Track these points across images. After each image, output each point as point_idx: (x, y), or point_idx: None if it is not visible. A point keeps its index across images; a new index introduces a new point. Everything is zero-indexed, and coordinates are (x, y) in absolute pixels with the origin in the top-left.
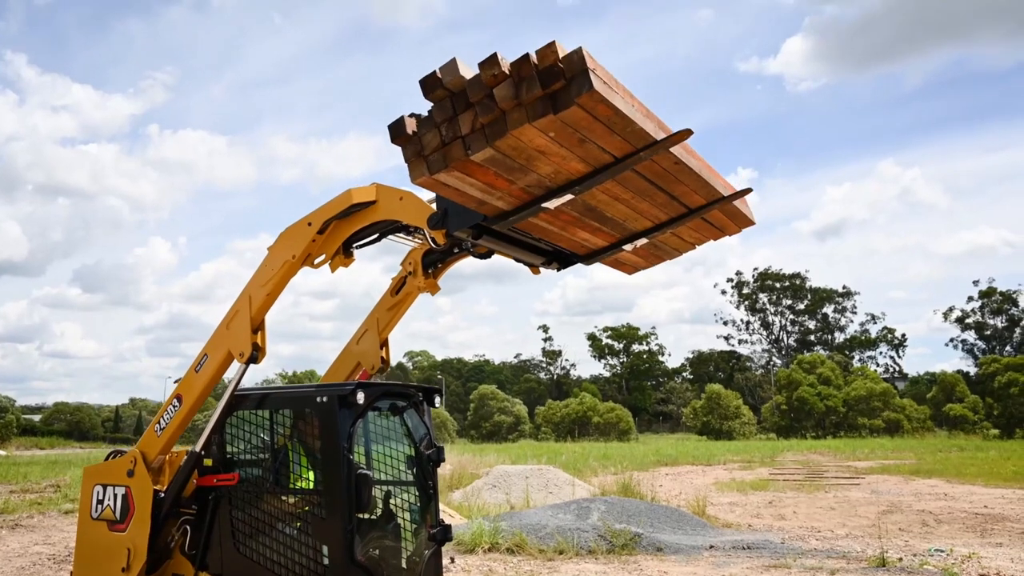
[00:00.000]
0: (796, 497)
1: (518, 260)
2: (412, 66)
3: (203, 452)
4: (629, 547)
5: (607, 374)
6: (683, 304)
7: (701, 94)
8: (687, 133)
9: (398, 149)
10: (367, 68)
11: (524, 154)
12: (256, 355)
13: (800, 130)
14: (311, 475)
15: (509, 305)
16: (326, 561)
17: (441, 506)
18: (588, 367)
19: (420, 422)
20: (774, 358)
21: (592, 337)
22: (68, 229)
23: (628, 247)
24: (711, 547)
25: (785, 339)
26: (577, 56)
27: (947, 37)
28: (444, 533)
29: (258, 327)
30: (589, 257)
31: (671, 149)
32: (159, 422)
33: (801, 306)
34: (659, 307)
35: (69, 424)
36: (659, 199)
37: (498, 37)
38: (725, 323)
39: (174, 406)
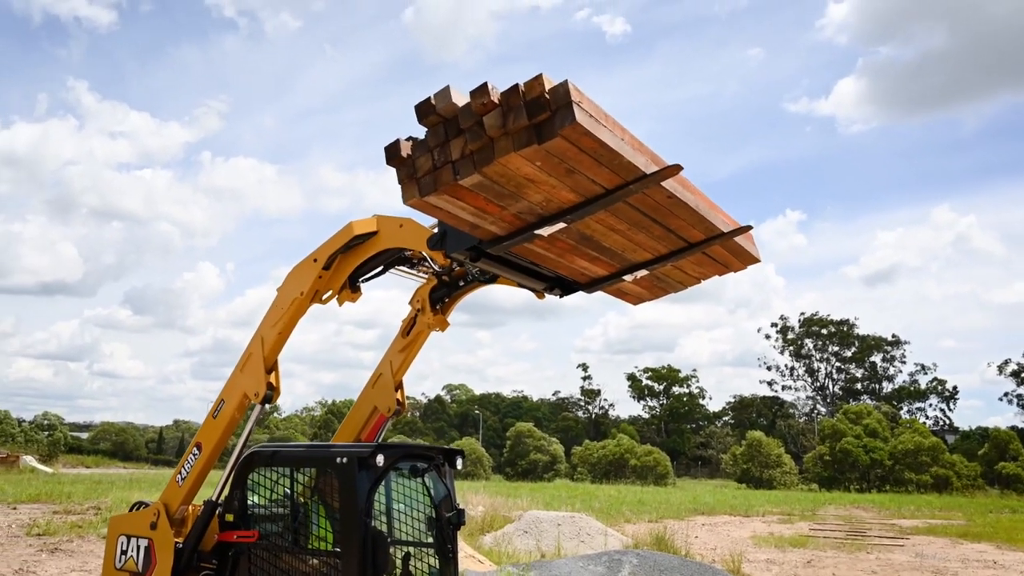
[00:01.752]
0: (836, 557)
1: (520, 285)
2: None
3: (218, 501)
4: None
5: (646, 415)
6: (726, 346)
7: (749, 133)
8: (677, 168)
9: None
10: (415, 101)
11: (513, 181)
12: (271, 395)
13: (851, 173)
14: (330, 535)
15: (549, 341)
16: None
17: (471, 551)
18: (627, 407)
19: (441, 484)
20: (818, 406)
21: (632, 377)
22: (120, 252)
23: (629, 277)
24: None
25: (831, 387)
26: (562, 89)
27: (1005, 82)
28: None
29: (272, 367)
30: (590, 285)
31: (664, 183)
32: (180, 471)
33: (848, 353)
34: (701, 348)
35: (114, 444)
36: (656, 232)
37: (545, 72)
38: (768, 368)
39: (194, 454)
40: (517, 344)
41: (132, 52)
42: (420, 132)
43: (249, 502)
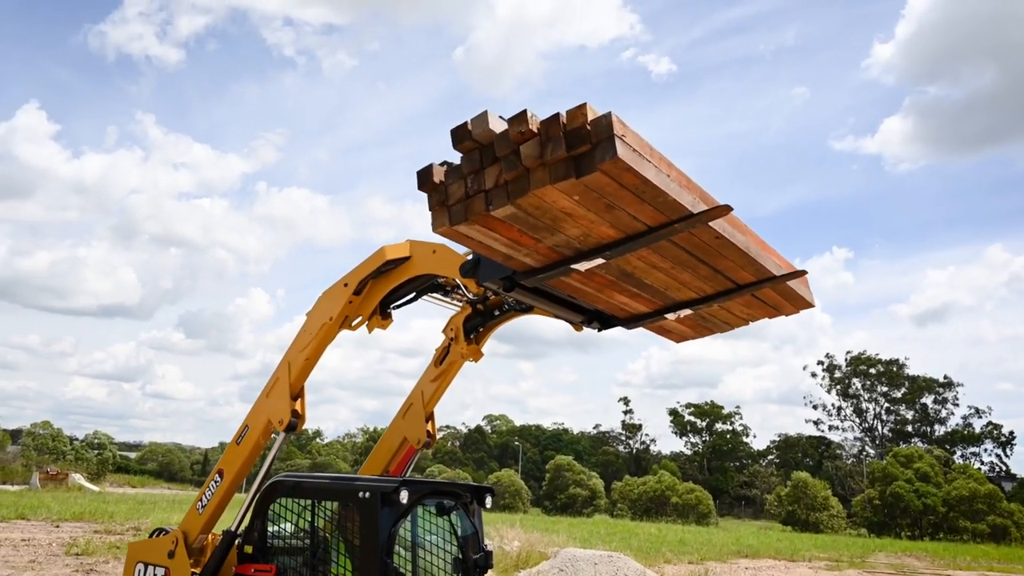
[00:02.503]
0: None
1: (557, 316)
2: None
3: (238, 531)
4: None
5: (688, 452)
6: (771, 384)
7: (795, 171)
8: (726, 209)
9: None
10: None
11: (549, 214)
12: (295, 423)
13: (899, 211)
14: (350, 573)
15: (591, 374)
16: None
17: None
18: (669, 443)
19: (469, 523)
20: (867, 447)
21: (674, 413)
22: (177, 278)
23: (671, 316)
24: None
25: (880, 428)
26: (605, 121)
27: None
28: None
29: (298, 394)
30: (630, 321)
31: (712, 223)
32: (201, 499)
33: (898, 394)
34: (745, 385)
35: (160, 465)
36: (702, 271)
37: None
38: (815, 407)
39: (216, 481)
40: (559, 376)
41: (197, 88)
42: (456, 158)
43: (269, 533)
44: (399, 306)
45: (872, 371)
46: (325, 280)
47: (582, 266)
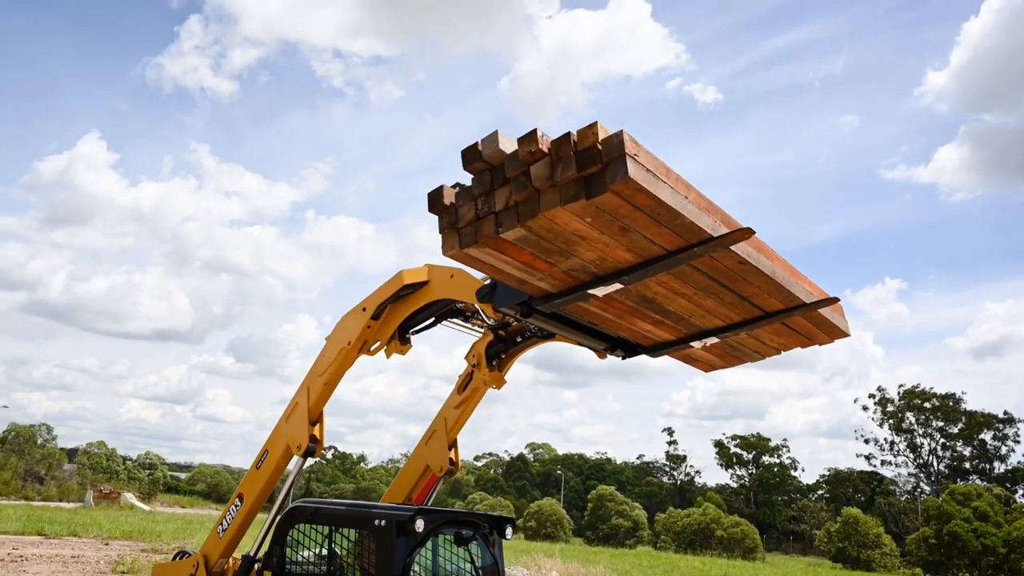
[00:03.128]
0: None
1: (579, 343)
2: None
3: (256, 556)
4: None
5: (734, 484)
6: (820, 416)
7: (844, 201)
8: (748, 232)
9: None
10: None
11: (561, 237)
12: (313, 448)
13: (955, 241)
14: None
15: (635, 403)
16: None
17: None
18: (714, 475)
19: (488, 553)
20: (922, 484)
21: (719, 444)
22: (227, 303)
23: (697, 344)
24: None
25: (935, 464)
26: (616, 139)
27: None
28: None
29: (316, 419)
30: (655, 349)
31: (736, 248)
32: (222, 523)
33: (955, 430)
34: (793, 417)
35: (209, 486)
36: (726, 298)
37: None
38: (866, 441)
39: (236, 505)
40: (603, 405)
41: (249, 118)
42: (469, 179)
43: (288, 559)
44: (418, 331)
45: (927, 405)
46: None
47: (599, 291)
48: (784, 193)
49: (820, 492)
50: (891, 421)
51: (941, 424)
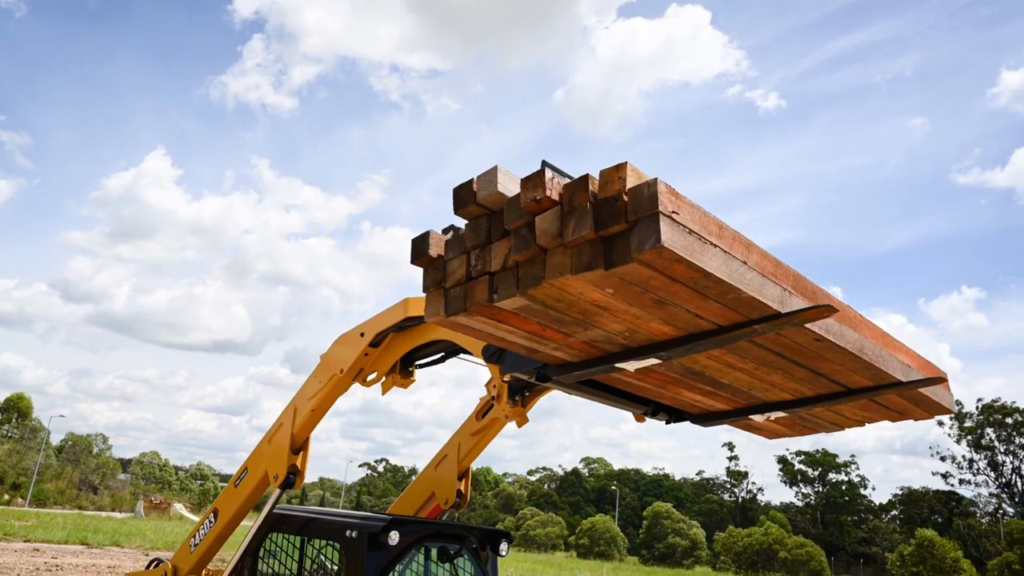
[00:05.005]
0: None
1: (614, 406)
2: None
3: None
4: None
5: (799, 503)
6: (893, 432)
7: (916, 207)
8: (827, 311)
9: None
10: None
11: (576, 307)
12: (292, 480)
13: None
14: None
15: None
16: None
17: None
18: (777, 493)
19: (480, 572)
20: (1004, 505)
21: (783, 461)
22: (284, 315)
23: (759, 417)
24: None
25: (1019, 484)
26: (649, 191)
27: None
28: None
29: (300, 447)
30: (706, 418)
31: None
32: (195, 536)
33: None
34: (865, 434)
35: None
36: (797, 374)
37: (697, 143)
38: (943, 459)
39: (210, 521)
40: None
41: (308, 133)
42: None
43: (259, 570)
44: (424, 365)
45: (1008, 421)
46: None
47: (630, 365)
48: (851, 200)
49: (893, 513)
50: (969, 437)
51: None
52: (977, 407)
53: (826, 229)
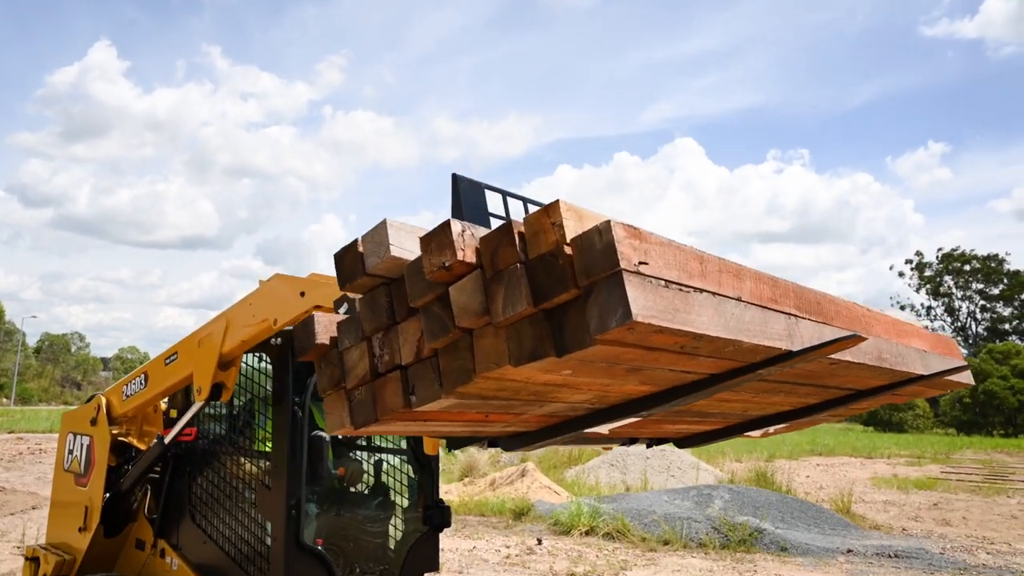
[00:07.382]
0: (969, 500)
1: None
2: (572, 42)
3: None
4: (747, 544)
5: None
6: (856, 288)
7: (883, 60)
8: (854, 341)
9: (560, 124)
10: (526, 45)
11: (525, 391)
12: (219, 394)
13: (1003, 100)
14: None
15: None
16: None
17: (548, 482)
18: None
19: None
20: (960, 347)
21: None
22: (252, 207)
23: (756, 433)
24: (848, 551)
25: (973, 327)
26: (602, 241)
27: None
28: (440, 517)
29: (228, 365)
30: (691, 440)
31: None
32: (127, 386)
33: (995, 291)
34: (829, 289)
35: None
36: (802, 391)
37: (664, 3)
38: (903, 307)
39: (139, 382)
40: None
41: (257, 15)
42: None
43: (191, 398)
44: None
45: (967, 268)
46: (394, 205)
47: (603, 428)
48: (820, 55)
49: None
50: (928, 286)
51: (981, 286)
52: (937, 256)
53: (793, 89)
